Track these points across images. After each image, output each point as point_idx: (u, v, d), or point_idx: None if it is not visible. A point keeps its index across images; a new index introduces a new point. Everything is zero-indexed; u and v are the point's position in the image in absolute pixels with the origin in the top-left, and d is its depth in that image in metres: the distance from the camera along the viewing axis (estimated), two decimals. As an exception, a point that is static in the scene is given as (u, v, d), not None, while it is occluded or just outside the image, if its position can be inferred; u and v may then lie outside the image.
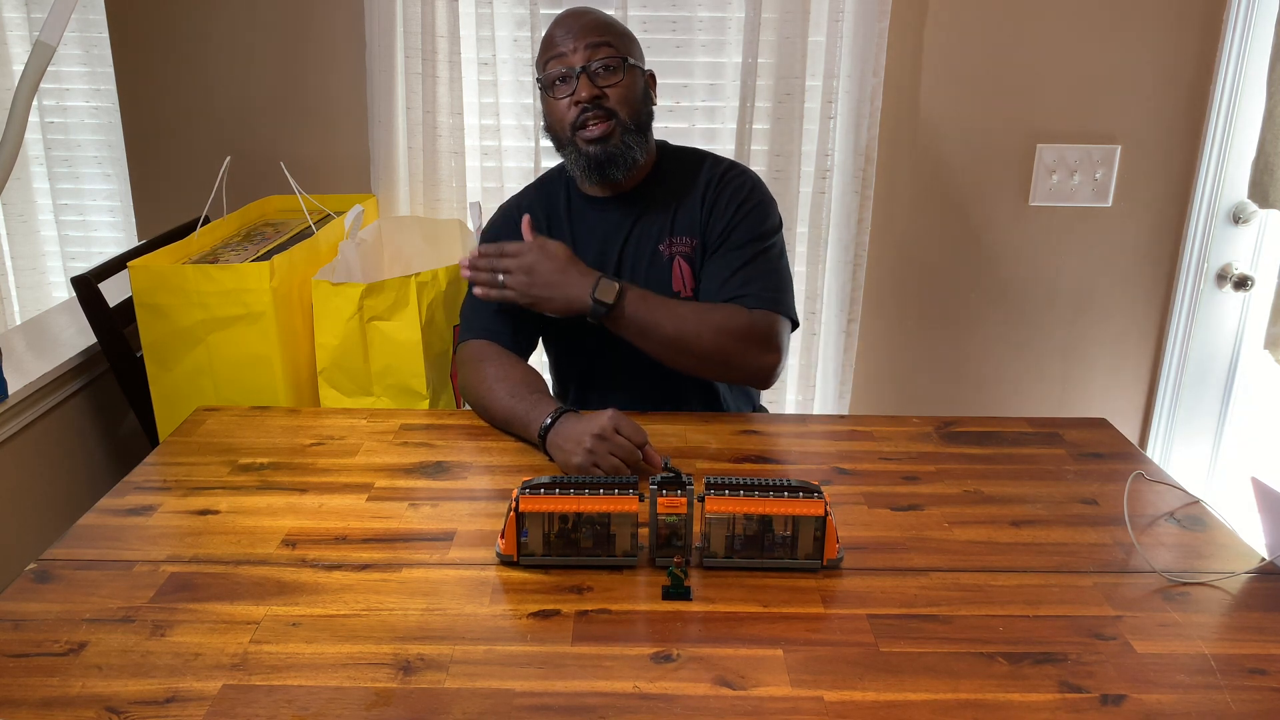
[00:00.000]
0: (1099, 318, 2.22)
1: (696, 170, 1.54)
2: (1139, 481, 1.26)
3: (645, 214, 1.53)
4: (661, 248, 1.51)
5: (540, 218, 1.55)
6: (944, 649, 0.92)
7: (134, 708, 0.83)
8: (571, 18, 1.47)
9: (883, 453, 1.33)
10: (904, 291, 2.21)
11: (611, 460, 1.20)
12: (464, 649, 0.91)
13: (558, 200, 1.57)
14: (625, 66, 1.45)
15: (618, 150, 1.45)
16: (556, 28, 1.47)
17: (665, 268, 1.50)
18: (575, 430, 1.24)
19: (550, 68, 1.45)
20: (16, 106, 1.36)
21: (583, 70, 1.42)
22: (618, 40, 1.46)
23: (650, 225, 1.52)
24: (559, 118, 1.46)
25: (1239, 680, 0.89)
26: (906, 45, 2.05)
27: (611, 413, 1.24)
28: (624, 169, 1.47)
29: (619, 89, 1.44)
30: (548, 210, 1.57)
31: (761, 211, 1.51)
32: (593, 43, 1.43)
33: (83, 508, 1.18)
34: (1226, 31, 2.01)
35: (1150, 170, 2.12)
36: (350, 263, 1.71)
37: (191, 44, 2.06)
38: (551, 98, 1.46)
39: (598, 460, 1.20)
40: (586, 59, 1.43)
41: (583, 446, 1.21)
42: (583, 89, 1.42)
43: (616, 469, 1.20)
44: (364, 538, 1.10)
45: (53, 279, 2.41)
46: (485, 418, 1.42)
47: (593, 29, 1.44)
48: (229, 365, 1.57)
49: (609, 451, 1.21)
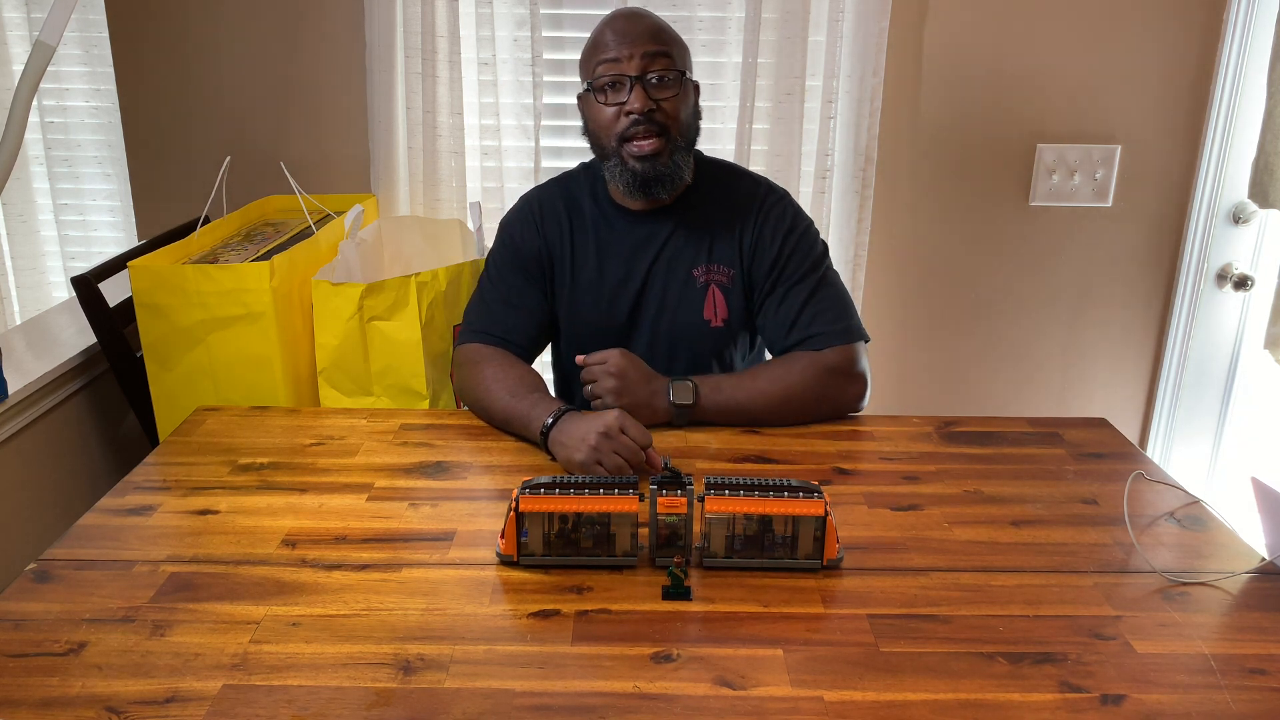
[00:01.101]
0: (1099, 318, 2.22)
1: (733, 193, 1.50)
2: (1139, 481, 1.26)
3: (677, 233, 1.48)
4: (696, 273, 1.48)
5: (562, 217, 1.52)
6: (944, 649, 0.92)
7: (134, 708, 0.83)
8: (627, 21, 1.40)
9: (883, 453, 1.33)
10: (904, 291, 2.21)
11: (615, 459, 1.20)
12: (464, 649, 0.91)
13: (582, 202, 1.53)
14: (682, 80, 1.40)
15: (666, 170, 1.40)
16: (610, 30, 1.40)
17: (698, 294, 1.48)
18: (579, 428, 1.24)
19: (600, 71, 1.39)
20: (16, 106, 1.36)
21: (638, 80, 1.37)
22: (675, 50, 1.40)
23: (684, 247, 1.48)
24: (604, 125, 1.41)
25: (1239, 680, 0.89)
26: (906, 45, 2.05)
27: (617, 412, 1.23)
28: (670, 188, 1.43)
29: (673, 103, 1.39)
30: (570, 211, 1.52)
31: (809, 239, 1.49)
32: (650, 51, 1.37)
33: (83, 508, 1.18)
34: (1226, 31, 2.01)
35: (1150, 170, 2.12)
36: (350, 263, 1.71)
37: (191, 44, 2.07)
38: (599, 103, 1.41)
39: (602, 458, 1.20)
40: (642, 69, 1.37)
41: (587, 444, 1.21)
42: (636, 100, 1.37)
43: (620, 469, 1.20)
44: (364, 538, 1.10)
45: (53, 279, 2.41)
46: (484, 417, 1.42)
47: (650, 36, 1.38)
48: (229, 365, 1.57)
49: (613, 450, 1.20)
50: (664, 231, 1.49)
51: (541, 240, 1.52)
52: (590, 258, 1.51)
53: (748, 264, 1.49)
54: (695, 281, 1.48)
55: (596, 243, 1.50)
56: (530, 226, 1.53)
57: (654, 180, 1.41)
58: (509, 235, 1.55)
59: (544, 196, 1.56)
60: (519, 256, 1.53)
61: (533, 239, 1.52)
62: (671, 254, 1.49)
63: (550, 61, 2.06)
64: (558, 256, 1.52)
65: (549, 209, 1.53)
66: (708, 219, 1.49)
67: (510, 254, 1.53)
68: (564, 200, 1.54)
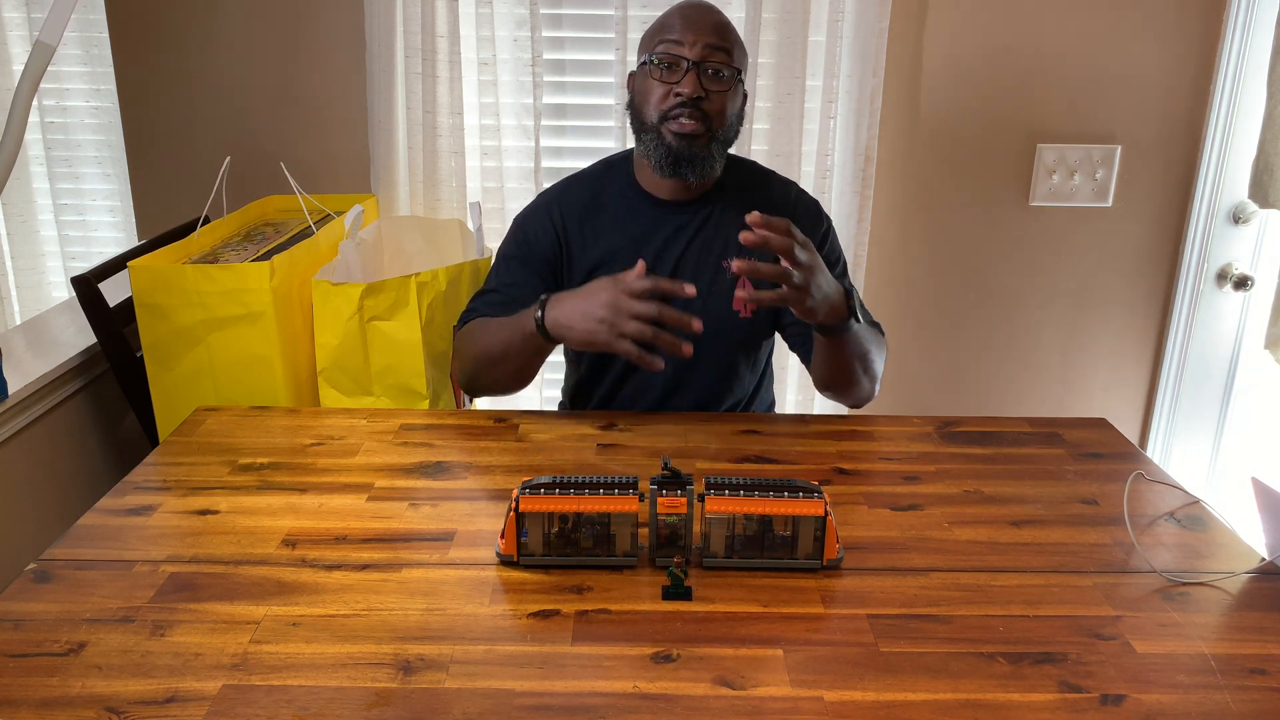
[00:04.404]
0: (1099, 318, 2.22)
1: (764, 190, 1.53)
2: (1139, 481, 1.26)
3: (707, 226, 1.49)
4: (726, 263, 1.48)
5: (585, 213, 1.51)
6: (944, 649, 0.92)
7: (134, 708, 0.83)
8: (698, 11, 1.43)
9: (883, 453, 1.33)
10: (904, 291, 2.21)
11: (632, 324, 1.20)
12: (464, 649, 0.91)
13: (608, 196, 1.52)
14: (736, 80, 1.42)
15: (700, 153, 1.41)
16: (679, 15, 1.42)
17: (728, 285, 1.48)
18: (577, 305, 1.25)
19: (661, 49, 1.41)
20: (16, 106, 1.36)
21: (695, 65, 1.38)
22: (736, 51, 1.42)
23: (713, 239, 1.49)
24: (651, 99, 1.42)
25: (1239, 680, 0.89)
26: (906, 45, 2.05)
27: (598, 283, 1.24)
28: (699, 173, 1.43)
29: (722, 98, 1.41)
30: (595, 206, 1.51)
31: (835, 239, 1.54)
32: (713, 44, 1.39)
33: (83, 508, 1.18)
34: (1226, 31, 2.01)
35: (1150, 170, 2.12)
36: (350, 263, 1.71)
37: (191, 44, 2.07)
38: (652, 78, 1.42)
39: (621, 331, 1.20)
40: (702, 56, 1.38)
41: (594, 319, 1.22)
42: (688, 83, 1.38)
43: (641, 333, 1.19)
44: (364, 538, 1.10)
45: (53, 279, 2.41)
46: (488, 364, 1.41)
47: (717, 30, 1.41)
48: (229, 365, 1.57)
49: (631, 315, 1.20)
50: (695, 223, 1.49)
51: (556, 239, 1.51)
52: (619, 250, 1.50)
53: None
54: (725, 273, 1.48)
55: (626, 234, 1.50)
56: (546, 225, 1.52)
57: (686, 160, 1.41)
58: (522, 231, 1.54)
59: (565, 194, 1.55)
60: (530, 253, 1.52)
61: (548, 238, 1.51)
62: (701, 245, 1.49)
63: (550, 61, 2.06)
64: (577, 255, 1.51)
65: (570, 207, 1.52)
66: (738, 215, 1.49)
67: (521, 250, 1.52)
68: (589, 196, 1.53)
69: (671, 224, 1.49)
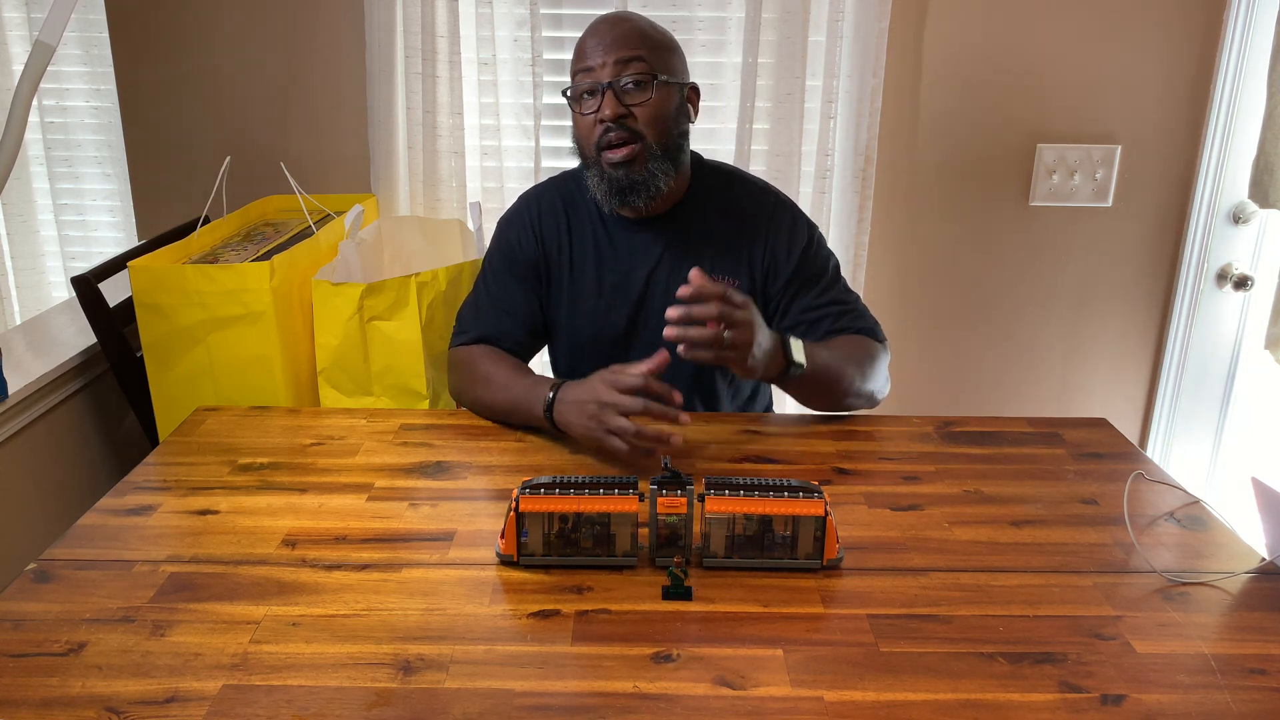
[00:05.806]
0: (1099, 318, 2.22)
1: (737, 201, 1.48)
2: (1139, 481, 1.26)
3: (676, 242, 1.47)
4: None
5: (560, 218, 1.50)
6: (944, 649, 0.92)
7: (134, 708, 0.83)
8: (605, 26, 1.39)
9: (883, 453, 1.33)
10: (904, 291, 2.21)
11: (618, 420, 1.20)
12: (464, 649, 0.91)
13: (581, 206, 1.50)
14: (655, 84, 1.37)
15: (640, 178, 1.38)
16: (588, 38, 1.39)
17: None
18: (578, 397, 1.25)
19: (578, 80, 1.39)
20: (16, 106, 1.36)
21: (609, 86, 1.35)
22: (651, 53, 1.38)
23: (683, 256, 1.46)
24: (584, 134, 1.40)
25: (1239, 680, 0.89)
26: (906, 45, 2.05)
27: (599, 376, 1.23)
28: (646, 197, 1.40)
29: (647, 108, 1.37)
30: (569, 212, 1.51)
31: (824, 251, 1.50)
32: (623, 57, 1.36)
33: (83, 508, 1.18)
34: (1226, 31, 2.01)
35: (1150, 170, 2.12)
36: (350, 263, 1.71)
37: (191, 44, 2.07)
38: (578, 113, 1.40)
39: (609, 426, 1.20)
40: (615, 74, 1.35)
41: (586, 414, 1.22)
42: (607, 106, 1.35)
43: (624, 429, 1.20)
44: (364, 538, 1.10)
45: (53, 279, 2.41)
46: (485, 413, 1.41)
47: (624, 41, 1.36)
48: (229, 365, 1.57)
49: (618, 412, 1.20)
50: (663, 240, 1.47)
51: (536, 243, 1.51)
52: (588, 263, 1.50)
53: (760, 279, 1.47)
54: None
55: (594, 249, 1.49)
56: (526, 229, 1.52)
57: (629, 188, 1.39)
58: (505, 237, 1.54)
59: (543, 196, 1.54)
60: (513, 259, 1.52)
61: (528, 242, 1.51)
62: (671, 262, 1.47)
63: (550, 61, 2.06)
64: (554, 259, 1.51)
65: (547, 209, 1.52)
66: (710, 227, 1.48)
67: (505, 256, 1.53)
68: (564, 200, 1.52)
69: (639, 242, 1.48)
